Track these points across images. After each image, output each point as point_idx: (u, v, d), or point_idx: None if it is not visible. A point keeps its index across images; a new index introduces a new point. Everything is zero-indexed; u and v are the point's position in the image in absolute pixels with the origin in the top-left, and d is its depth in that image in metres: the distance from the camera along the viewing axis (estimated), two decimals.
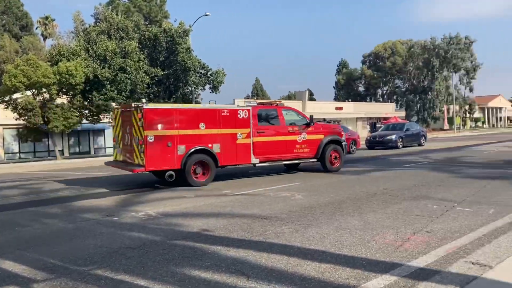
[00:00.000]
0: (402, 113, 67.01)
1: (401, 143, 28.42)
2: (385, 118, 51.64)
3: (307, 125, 14.25)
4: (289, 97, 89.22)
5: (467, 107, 77.95)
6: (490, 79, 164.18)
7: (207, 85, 31.16)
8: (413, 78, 79.11)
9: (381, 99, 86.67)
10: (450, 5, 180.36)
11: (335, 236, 6.41)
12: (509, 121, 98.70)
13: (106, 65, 26.18)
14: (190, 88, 31.63)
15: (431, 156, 20.70)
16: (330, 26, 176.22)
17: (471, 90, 75.26)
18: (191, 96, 32.45)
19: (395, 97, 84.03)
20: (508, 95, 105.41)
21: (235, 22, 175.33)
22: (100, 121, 30.16)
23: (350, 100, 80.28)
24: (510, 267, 4.84)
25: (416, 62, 76.56)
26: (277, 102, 14.34)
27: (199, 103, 38.08)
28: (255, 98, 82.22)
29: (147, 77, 27.77)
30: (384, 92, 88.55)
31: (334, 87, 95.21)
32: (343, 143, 15.17)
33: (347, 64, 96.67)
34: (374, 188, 11.09)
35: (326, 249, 5.79)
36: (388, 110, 62.95)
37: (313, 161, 14.67)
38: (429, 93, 74.32)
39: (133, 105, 11.64)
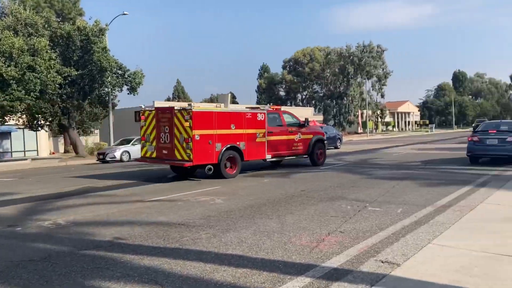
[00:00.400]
0: (320, 117, 69.77)
1: None
2: None
3: (301, 126, 16.88)
4: (212, 100, 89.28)
5: (379, 112, 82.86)
6: (399, 85, 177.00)
7: (125, 86, 30.14)
8: (330, 83, 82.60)
9: (300, 104, 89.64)
10: (365, 15, 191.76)
11: (253, 240, 6.42)
12: (416, 125, 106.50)
13: (12, 63, 24.37)
14: (106, 89, 30.42)
15: (346, 159, 21.65)
16: (252, 29, 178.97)
17: (382, 96, 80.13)
18: (107, 98, 31.18)
19: (313, 102, 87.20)
20: (415, 101, 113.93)
21: (155, 22, 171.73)
22: (6, 123, 27.98)
23: (271, 103, 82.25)
24: (415, 264, 5.14)
25: (332, 69, 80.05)
26: (277, 107, 16.93)
27: (116, 105, 36.81)
28: (176, 100, 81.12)
29: (59, 77, 26.27)
30: (304, 96, 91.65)
31: (256, 91, 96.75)
32: (325, 142, 18.27)
33: (269, 69, 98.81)
34: (293, 190, 11.33)
35: (243, 253, 5.76)
36: (307, 114, 64.79)
37: (305, 157, 17.31)
38: (345, 98, 77.91)
39: (176, 107, 13.65)
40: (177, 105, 14.54)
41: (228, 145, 14.22)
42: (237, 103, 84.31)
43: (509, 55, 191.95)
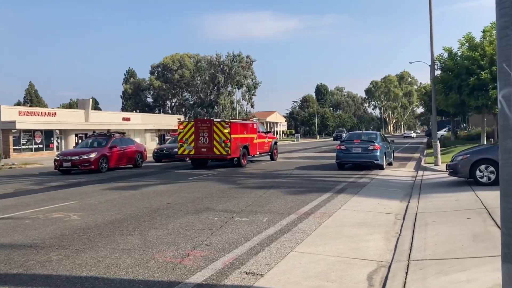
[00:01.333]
0: None
1: None
2: (173, 130, 52.63)
3: (267, 133, 26.07)
4: (71, 105, 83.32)
5: None
6: (268, 96, 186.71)
7: None
8: (200, 91, 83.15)
9: (170, 111, 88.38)
10: (236, 24, 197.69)
11: (112, 259, 6.03)
12: (283, 135, 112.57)
13: None
14: None
15: (216, 168, 21.88)
16: (117, 32, 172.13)
17: (252, 105, 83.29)
18: None
19: (183, 110, 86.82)
20: (282, 111, 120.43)
21: (13, 18, 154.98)
22: None
23: (138, 111, 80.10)
24: (277, 273, 5.30)
25: (203, 77, 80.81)
26: (254, 119, 26.28)
27: None
28: (28, 104, 74.02)
29: None
30: (173, 104, 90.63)
31: (121, 97, 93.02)
32: (277, 143, 27.74)
33: (135, 74, 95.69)
34: (158, 203, 11.01)
35: (100, 274, 5.37)
36: (176, 122, 64.16)
37: (268, 154, 26.40)
38: (215, 107, 79.23)
39: (216, 120, 21.67)
40: (215, 119, 23.97)
41: (244, 145, 22.40)
42: (100, 109, 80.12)
43: (363, 72, 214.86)
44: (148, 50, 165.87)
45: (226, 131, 21.44)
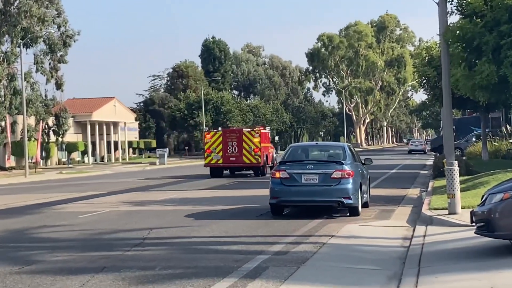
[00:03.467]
0: None
1: None
2: None
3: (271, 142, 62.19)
4: None
5: (53, 119, 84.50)
6: (97, 68, 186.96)
7: None
8: None
9: None
10: None
11: None
12: (131, 151, 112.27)
13: None
14: None
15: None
16: None
17: (59, 85, 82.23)
18: None
19: None
20: (130, 99, 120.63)
21: None
22: None
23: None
24: None
25: None
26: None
27: None
28: None
29: None
30: None
31: None
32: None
33: None
34: None
35: None
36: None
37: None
38: None
39: (245, 130, 53.75)
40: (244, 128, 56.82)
41: (266, 153, 50.79)
42: None
43: (303, 17, 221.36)
44: None
45: (256, 140, 46.74)
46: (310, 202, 21.12)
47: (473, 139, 61.88)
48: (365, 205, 22.92)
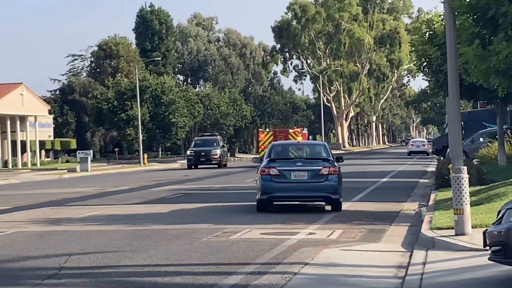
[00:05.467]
0: None
1: None
2: None
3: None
4: None
5: None
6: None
7: None
8: None
9: None
10: None
11: None
12: (44, 154, 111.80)
13: None
14: None
15: None
16: None
17: None
18: None
19: None
20: (42, 87, 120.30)
21: None
22: None
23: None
24: None
25: None
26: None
27: None
28: None
29: None
30: None
31: None
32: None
33: None
34: None
35: None
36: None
37: None
38: None
39: (291, 130, 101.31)
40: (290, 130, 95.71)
41: None
42: None
43: None
44: None
45: (299, 138, 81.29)
46: (300, 197, 28.89)
47: (481, 139, 61.11)
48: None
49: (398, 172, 61.54)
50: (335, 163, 28.63)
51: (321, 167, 27.39)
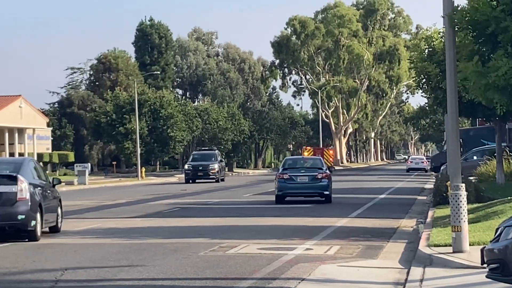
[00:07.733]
0: None
1: None
2: None
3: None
4: None
5: None
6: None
7: None
8: None
9: None
10: None
11: None
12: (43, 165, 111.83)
13: None
14: None
15: None
16: None
17: None
18: None
19: None
20: (41, 99, 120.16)
21: None
22: None
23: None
24: None
25: None
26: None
27: None
28: None
29: None
30: None
31: None
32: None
33: None
34: None
35: None
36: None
37: None
38: None
39: (324, 148, 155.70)
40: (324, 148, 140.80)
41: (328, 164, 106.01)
42: None
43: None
44: None
45: (331, 153, 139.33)
46: (303, 193, 44.09)
47: (475, 157, 61.47)
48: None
49: (396, 188, 61.62)
50: (327, 171, 44.61)
51: (317, 173, 42.53)
